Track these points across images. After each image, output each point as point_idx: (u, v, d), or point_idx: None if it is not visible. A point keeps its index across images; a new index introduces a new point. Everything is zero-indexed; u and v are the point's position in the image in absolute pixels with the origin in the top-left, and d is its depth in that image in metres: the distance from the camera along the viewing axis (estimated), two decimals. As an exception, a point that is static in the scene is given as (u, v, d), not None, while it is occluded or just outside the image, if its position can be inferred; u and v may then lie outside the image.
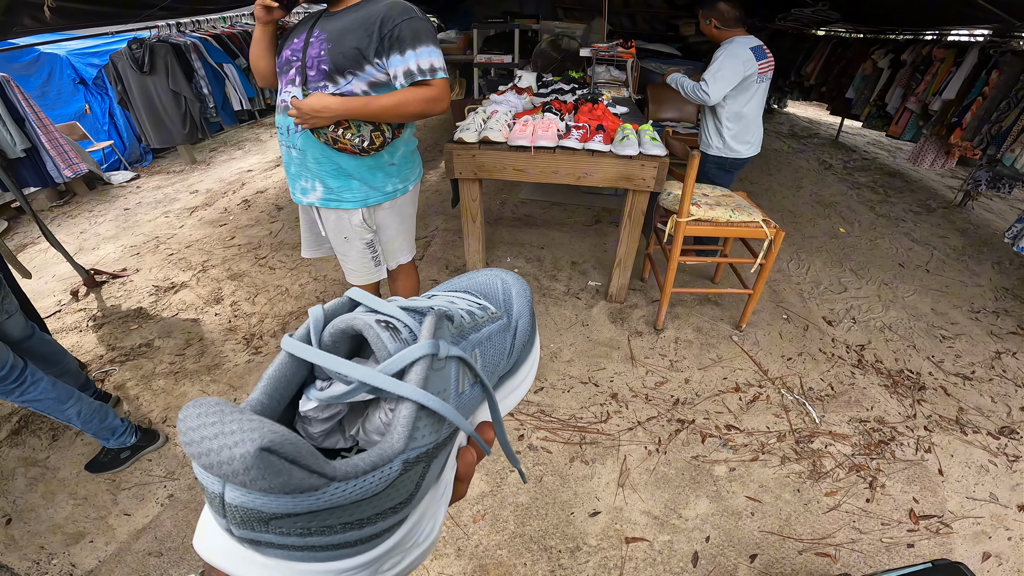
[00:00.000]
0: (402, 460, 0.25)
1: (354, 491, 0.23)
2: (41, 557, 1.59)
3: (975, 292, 3.12)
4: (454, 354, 0.30)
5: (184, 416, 0.22)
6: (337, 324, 0.29)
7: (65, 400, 1.67)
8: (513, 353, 0.38)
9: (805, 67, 6.35)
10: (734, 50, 2.45)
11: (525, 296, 0.41)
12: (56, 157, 2.76)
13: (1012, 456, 1.98)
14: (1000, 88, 3.40)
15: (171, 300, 2.87)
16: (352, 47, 1.43)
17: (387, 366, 0.27)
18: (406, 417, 0.26)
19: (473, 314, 0.36)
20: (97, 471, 1.83)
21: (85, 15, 2.59)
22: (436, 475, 0.29)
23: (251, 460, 0.20)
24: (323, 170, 1.63)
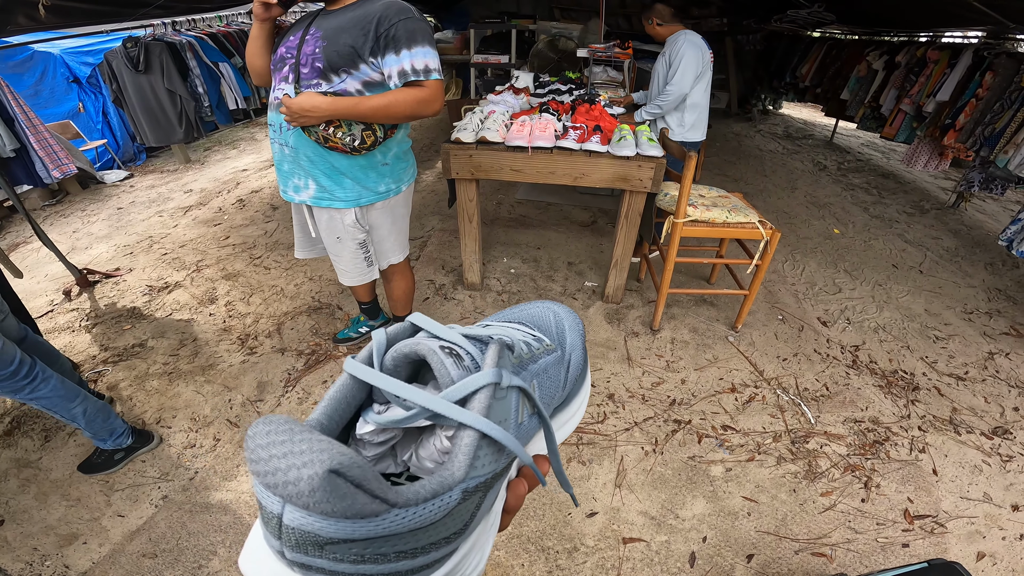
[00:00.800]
0: (462, 489, 0.25)
1: (413, 519, 0.23)
2: (34, 559, 1.57)
3: (968, 293, 3.14)
4: (515, 384, 0.29)
5: (253, 433, 0.22)
6: (400, 348, 0.29)
7: (73, 398, 1.67)
8: (566, 386, 0.38)
9: (800, 68, 6.39)
10: (690, 39, 2.67)
11: (578, 330, 0.41)
12: (45, 158, 2.73)
13: (1005, 456, 2.00)
14: (994, 90, 3.43)
15: (165, 300, 2.85)
16: (347, 45, 1.43)
17: (450, 393, 0.27)
18: (468, 446, 0.26)
19: (530, 345, 0.35)
20: (90, 472, 1.82)
21: (80, 13, 2.57)
22: (490, 506, 0.29)
23: (318, 482, 0.20)
24: (316, 169, 1.63)
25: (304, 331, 2.55)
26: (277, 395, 2.17)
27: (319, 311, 2.72)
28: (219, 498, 1.74)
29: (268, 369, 2.31)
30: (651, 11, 2.81)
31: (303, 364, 2.34)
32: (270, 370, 2.31)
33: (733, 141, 6.47)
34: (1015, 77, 3.29)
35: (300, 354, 2.40)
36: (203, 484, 1.79)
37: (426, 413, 0.26)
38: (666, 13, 2.79)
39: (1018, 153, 3.13)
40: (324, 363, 2.34)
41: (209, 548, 1.59)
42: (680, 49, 2.66)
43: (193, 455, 1.91)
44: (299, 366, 2.33)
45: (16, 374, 1.51)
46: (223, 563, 1.55)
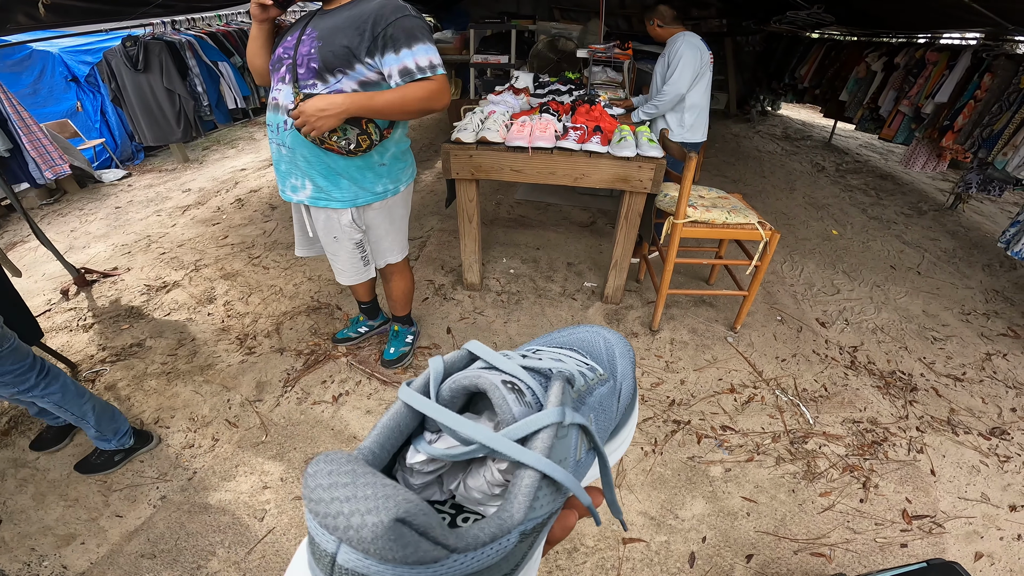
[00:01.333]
0: (520, 531, 0.24)
1: (472, 564, 0.22)
2: (32, 559, 1.57)
3: (966, 294, 3.15)
4: (577, 422, 0.29)
5: (314, 472, 0.22)
6: (460, 380, 0.29)
7: (82, 394, 1.68)
8: (617, 416, 0.38)
9: (799, 69, 6.41)
10: (689, 40, 2.68)
11: (629, 357, 0.40)
12: (37, 158, 2.71)
13: (1003, 457, 2.01)
14: (993, 91, 3.44)
15: (163, 300, 2.85)
16: (342, 46, 1.42)
17: (512, 431, 0.26)
18: (528, 487, 0.25)
19: (586, 376, 0.35)
20: (88, 472, 1.81)
21: (80, 12, 2.57)
22: (539, 546, 0.28)
23: (383, 530, 0.19)
24: (313, 169, 1.62)
25: (303, 331, 2.55)
26: (276, 395, 2.17)
27: (318, 311, 2.71)
28: (218, 498, 1.74)
29: (267, 369, 2.31)
30: (653, 12, 2.83)
31: (302, 364, 2.34)
32: (269, 370, 2.30)
33: (732, 142, 6.48)
34: (1013, 79, 3.30)
35: (299, 354, 2.40)
36: (202, 484, 1.79)
37: (484, 450, 0.26)
38: (668, 15, 2.80)
39: (1016, 155, 3.14)
40: (323, 363, 2.34)
41: (208, 548, 1.59)
42: (678, 50, 2.67)
43: (192, 455, 1.90)
44: (298, 366, 2.32)
45: (32, 367, 1.54)
46: (222, 563, 1.55)
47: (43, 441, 1.90)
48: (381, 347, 2.41)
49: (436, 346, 2.47)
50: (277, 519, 1.67)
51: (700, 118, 2.90)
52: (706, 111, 2.92)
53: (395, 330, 2.33)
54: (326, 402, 2.13)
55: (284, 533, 1.63)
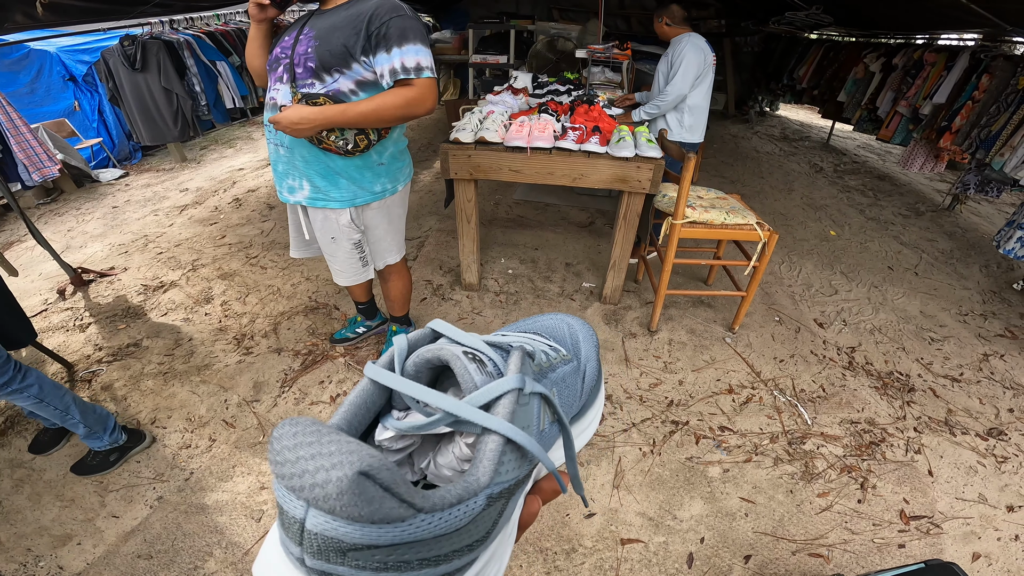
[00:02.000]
0: (487, 495, 0.25)
1: (439, 524, 0.22)
2: (28, 559, 1.56)
3: (963, 295, 3.16)
4: (538, 390, 0.29)
5: (279, 435, 0.22)
6: (423, 354, 0.29)
7: (59, 387, 1.67)
8: (582, 397, 0.38)
9: (798, 70, 6.41)
10: (693, 42, 2.70)
11: (592, 341, 0.41)
12: (24, 160, 2.69)
13: (1000, 457, 2.01)
14: (991, 92, 3.45)
15: (160, 299, 2.84)
16: (339, 45, 1.41)
17: (475, 398, 0.27)
18: (493, 451, 0.25)
19: (548, 355, 0.35)
20: (85, 474, 1.80)
21: (78, 11, 2.56)
22: (510, 515, 0.28)
23: (347, 484, 0.19)
24: (311, 169, 1.62)
25: (301, 331, 2.54)
26: (273, 395, 2.16)
27: (316, 311, 2.71)
28: (215, 499, 1.73)
29: (264, 369, 2.30)
30: (664, 10, 2.82)
31: (300, 364, 2.33)
32: (266, 370, 2.30)
33: (730, 142, 6.48)
34: (1011, 79, 3.31)
35: (297, 354, 2.39)
36: (199, 485, 1.78)
37: (449, 419, 0.26)
38: (678, 15, 2.81)
39: (1014, 155, 3.15)
40: (321, 363, 2.33)
41: (205, 549, 1.58)
42: (682, 51, 2.68)
43: (188, 456, 1.90)
44: (296, 366, 2.32)
45: (8, 360, 1.54)
46: (219, 564, 1.54)
47: (40, 444, 1.89)
48: (378, 347, 2.41)
49: (434, 346, 2.46)
50: (274, 520, 1.66)
51: (700, 119, 2.91)
52: (706, 112, 2.93)
53: (393, 330, 2.33)
54: (324, 402, 2.13)
55: (281, 534, 1.62)
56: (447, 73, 7.70)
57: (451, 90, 7.64)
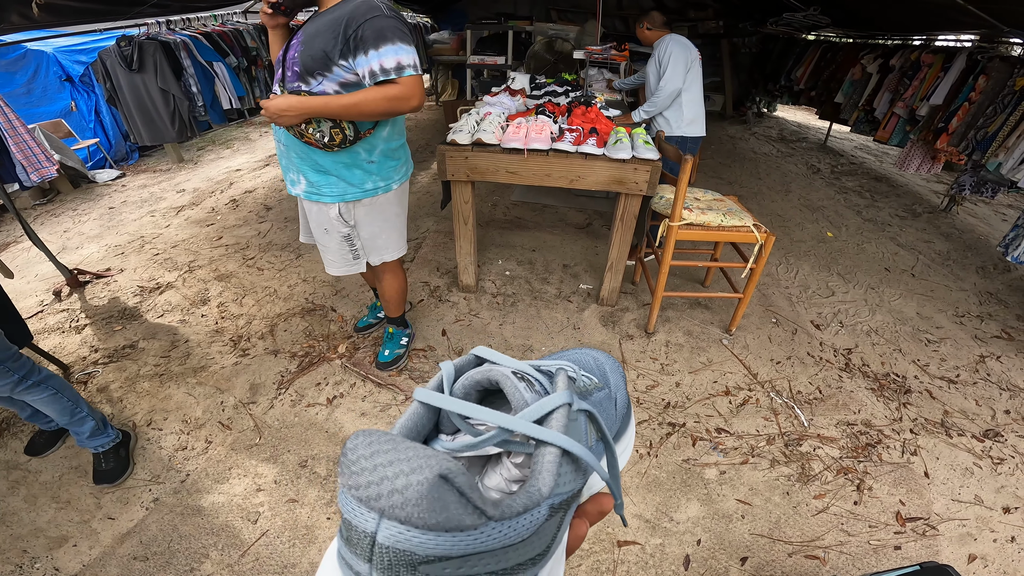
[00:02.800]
0: (548, 504, 0.25)
1: (508, 534, 0.22)
2: (24, 561, 1.56)
3: (959, 296, 3.16)
4: (584, 407, 0.30)
5: (354, 445, 0.22)
6: (472, 376, 0.30)
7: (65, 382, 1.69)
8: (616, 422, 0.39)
9: (795, 71, 6.42)
10: (676, 39, 2.84)
11: (619, 372, 0.42)
12: (23, 160, 2.68)
13: (997, 459, 2.01)
14: (987, 93, 3.46)
15: (156, 301, 2.83)
16: (319, 49, 1.46)
17: (528, 413, 0.27)
18: (551, 462, 0.26)
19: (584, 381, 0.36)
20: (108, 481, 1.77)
21: (74, 12, 2.55)
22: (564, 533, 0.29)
23: (427, 488, 0.20)
24: (304, 165, 1.69)
25: (297, 333, 2.54)
26: (270, 397, 2.16)
27: (313, 313, 2.70)
28: (211, 501, 1.73)
29: (261, 371, 2.30)
30: (646, 16, 3.03)
31: (296, 366, 2.33)
32: (263, 372, 2.29)
33: (728, 144, 6.49)
34: (1008, 81, 3.32)
35: (293, 356, 2.39)
36: (195, 487, 1.78)
37: (502, 436, 0.27)
38: (658, 20, 3.01)
39: (1010, 157, 3.15)
40: (318, 365, 2.33)
41: (201, 551, 1.58)
42: (667, 48, 2.80)
43: (184, 457, 1.89)
44: (292, 368, 2.32)
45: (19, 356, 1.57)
46: (215, 566, 1.54)
47: (36, 445, 1.89)
48: (375, 349, 2.41)
49: (431, 348, 2.46)
50: (271, 521, 1.66)
51: (699, 111, 2.97)
52: (703, 105, 2.99)
53: (389, 332, 2.32)
54: (320, 404, 2.12)
55: (278, 536, 1.62)
56: (445, 74, 7.70)
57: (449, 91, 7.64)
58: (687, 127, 2.94)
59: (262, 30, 4.66)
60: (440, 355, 2.41)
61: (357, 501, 0.21)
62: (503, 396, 0.32)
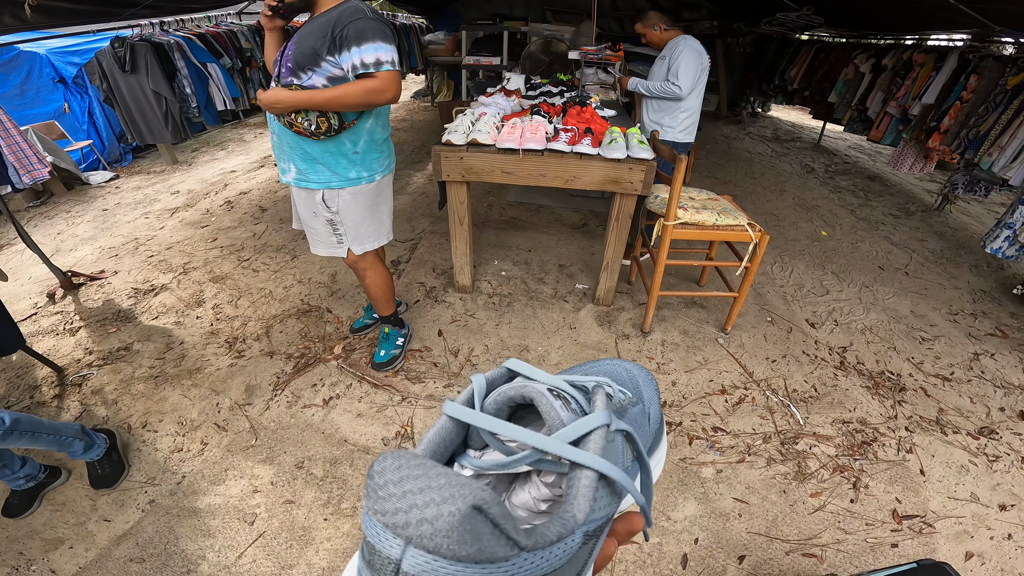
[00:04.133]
0: (583, 532, 0.24)
1: (540, 564, 0.22)
2: (20, 563, 1.55)
3: (953, 295, 3.18)
4: (623, 427, 0.29)
5: (382, 468, 0.21)
6: (506, 392, 0.29)
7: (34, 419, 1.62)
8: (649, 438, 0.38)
9: (789, 71, 6.45)
10: (691, 45, 2.75)
11: (652, 385, 0.41)
12: (15, 163, 2.66)
13: (992, 456, 2.02)
14: (979, 93, 3.48)
15: (151, 303, 2.82)
16: (309, 47, 1.60)
17: (564, 434, 0.26)
18: (587, 487, 0.25)
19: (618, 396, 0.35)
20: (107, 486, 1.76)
21: (67, 13, 2.54)
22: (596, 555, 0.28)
23: (458, 519, 0.19)
24: (294, 153, 1.80)
25: (293, 334, 2.53)
26: (266, 399, 2.15)
27: (308, 314, 2.69)
28: (207, 503, 1.72)
29: (256, 373, 2.29)
30: (646, 18, 2.94)
31: (292, 367, 2.32)
32: (258, 373, 2.29)
33: (722, 143, 6.52)
34: (1000, 80, 3.34)
35: (289, 357, 2.38)
36: (191, 489, 1.77)
37: (535, 456, 0.26)
38: (667, 19, 2.93)
39: (1002, 155, 3.18)
40: (314, 366, 2.32)
41: (198, 553, 1.57)
42: (680, 53, 2.73)
43: (180, 459, 1.88)
44: (288, 369, 2.31)
45: None
46: (212, 568, 1.53)
47: (11, 508, 1.70)
48: (371, 350, 2.40)
49: (427, 348, 2.46)
50: (267, 523, 1.66)
51: (693, 121, 2.95)
52: (699, 113, 2.97)
53: (385, 332, 2.32)
54: (316, 405, 2.12)
55: (275, 537, 1.62)
56: (440, 75, 7.70)
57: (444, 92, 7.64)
58: (679, 134, 2.94)
59: (256, 31, 4.65)
60: (436, 355, 2.41)
61: (383, 527, 0.20)
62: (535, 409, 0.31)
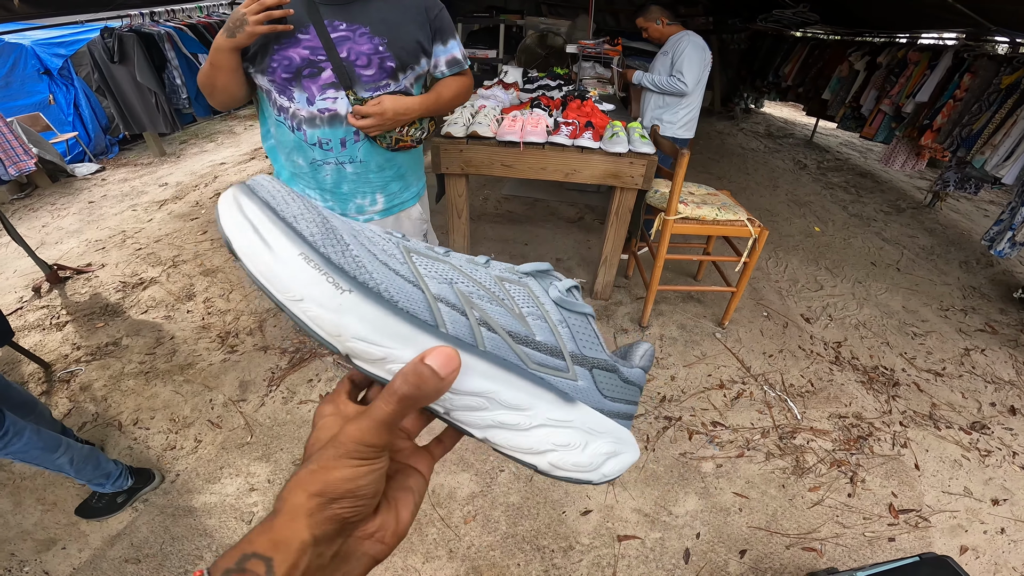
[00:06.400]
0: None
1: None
2: (12, 564, 1.51)
3: (944, 291, 3.22)
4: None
5: None
6: None
7: (54, 448, 1.49)
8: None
9: (783, 68, 6.47)
10: (694, 41, 2.74)
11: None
12: (1, 155, 2.61)
13: (984, 451, 2.05)
14: (973, 91, 3.51)
15: (140, 297, 2.76)
16: (413, 40, 1.33)
17: None
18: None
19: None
20: (91, 516, 1.65)
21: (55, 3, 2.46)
22: None
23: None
24: (386, 176, 1.50)
25: (287, 328, 2.49)
26: (261, 394, 2.12)
27: (303, 308, 2.65)
28: (203, 501, 1.69)
29: (250, 368, 2.25)
30: (649, 12, 2.91)
31: (287, 362, 2.28)
32: (252, 369, 2.25)
33: (716, 139, 6.53)
34: (994, 79, 3.37)
35: (284, 352, 2.34)
36: (185, 487, 1.74)
37: None
38: (669, 13, 2.91)
39: (995, 153, 3.21)
40: (309, 361, 2.29)
41: (195, 553, 1.54)
42: (684, 50, 2.72)
43: (173, 457, 1.85)
44: (283, 364, 2.27)
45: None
46: (208, 568, 1.50)
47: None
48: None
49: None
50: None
51: (693, 116, 2.95)
52: (699, 109, 2.97)
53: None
54: (313, 401, 2.09)
55: (272, 536, 1.59)
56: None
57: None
58: (679, 130, 2.94)
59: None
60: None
61: None
62: None
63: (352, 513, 0.27)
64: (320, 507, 0.26)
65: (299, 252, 0.26)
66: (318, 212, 0.28)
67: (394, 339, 0.27)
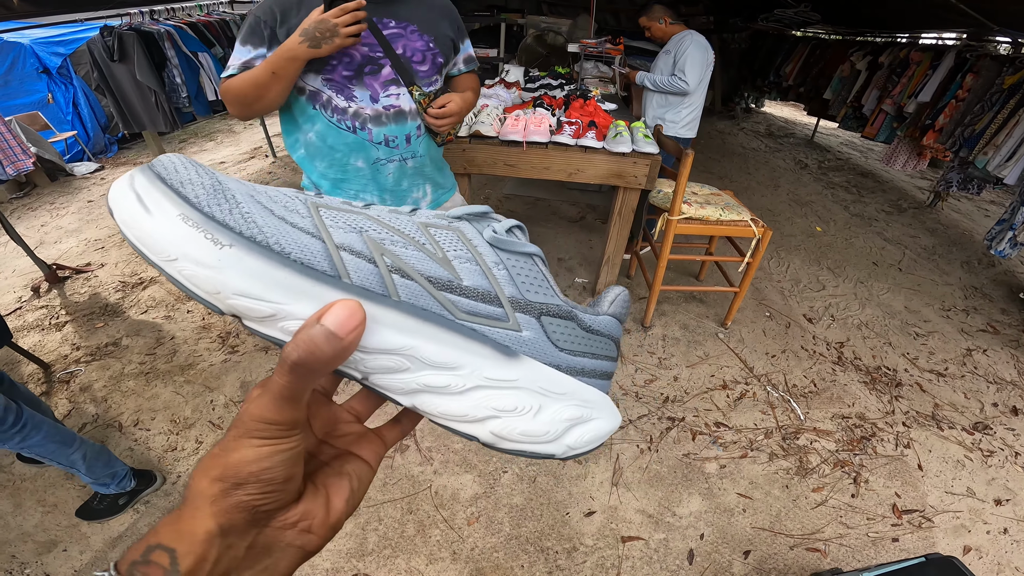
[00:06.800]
0: None
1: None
2: (13, 566, 1.50)
3: (945, 291, 3.22)
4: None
5: None
6: None
7: (70, 443, 1.50)
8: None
9: (784, 68, 6.47)
10: (697, 41, 2.71)
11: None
12: None
13: (987, 451, 2.05)
14: (975, 91, 3.51)
15: (139, 296, 2.75)
16: (448, 37, 1.35)
17: None
18: None
19: None
20: (91, 518, 1.65)
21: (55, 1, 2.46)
22: None
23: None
24: (434, 168, 1.53)
25: (289, 329, 2.48)
26: (263, 395, 2.11)
27: (305, 308, 2.65)
28: (204, 502, 1.68)
29: (251, 368, 2.25)
30: (651, 11, 2.90)
31: (289, 363, 2.27)
32: (253, 369, 2.24)
33: (717, 139, 6.53)
34: (996, 79, 3.37)
35: (286, 352, 2.33)
36: (187, 488, 1.73)
37: None
38: (672, 13, 2.89)
39: (998, 154, 3.21)
40: (311, 362, 2.28)
41: (195, 555, 1.53)
42: (686, 50, 2.70)
43: (174, 458, 1.84)
44: (285, 365, 2.26)
45: (3, 422, 1.36)
46: (210, 570, 1.50)
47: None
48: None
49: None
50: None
51: (696, 116, 2.94)
52: (701, 109, 2.97)
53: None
54: (315, 402, 2.08)
55: (274, 537, 1.58)
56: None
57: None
58: (681, 129, 2.93)
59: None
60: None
61: None
62: None
63: (262, 500, 0.25)
64: (223, 493, 0.24)
65: (178, 213, 0.24)
66: (212, 176, 0.26)
67: (285, 293, 0.25)
